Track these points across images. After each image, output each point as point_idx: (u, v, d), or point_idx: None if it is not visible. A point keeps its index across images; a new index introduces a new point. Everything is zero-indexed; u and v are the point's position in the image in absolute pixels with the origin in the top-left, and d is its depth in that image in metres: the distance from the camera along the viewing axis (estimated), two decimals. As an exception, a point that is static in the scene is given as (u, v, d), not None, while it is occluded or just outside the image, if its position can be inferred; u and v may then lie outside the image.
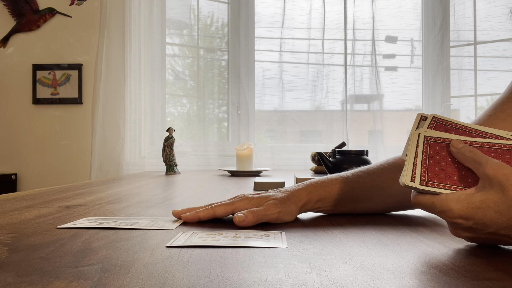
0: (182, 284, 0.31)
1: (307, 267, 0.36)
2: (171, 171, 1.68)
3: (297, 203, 0.60)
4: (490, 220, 0.38)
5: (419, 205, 0.43)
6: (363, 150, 1.36)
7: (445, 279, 0.33)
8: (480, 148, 0.42)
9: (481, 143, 0.42)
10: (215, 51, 2.44)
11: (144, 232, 0.51)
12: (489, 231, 0.39)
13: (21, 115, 2.24)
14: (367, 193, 0.64)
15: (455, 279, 0.33)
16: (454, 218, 0.40)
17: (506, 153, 0.41)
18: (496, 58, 2.26)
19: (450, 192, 0.40)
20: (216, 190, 1.05)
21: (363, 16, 2.30)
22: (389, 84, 2.35)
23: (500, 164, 0.38)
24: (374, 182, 0.64)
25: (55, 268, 0.35)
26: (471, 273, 0.35)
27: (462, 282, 0.32)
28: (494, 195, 0.38)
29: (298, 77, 2.34)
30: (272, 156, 2.22)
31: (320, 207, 0.63)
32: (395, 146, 2.32)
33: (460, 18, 2.27)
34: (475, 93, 2.24)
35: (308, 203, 0.61)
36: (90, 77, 2.23)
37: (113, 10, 2.03)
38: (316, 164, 1.79)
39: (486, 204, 0.38)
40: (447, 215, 0.40)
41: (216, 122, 2.40)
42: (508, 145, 0.41)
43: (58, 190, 1.00)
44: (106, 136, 2.00)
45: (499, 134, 0.43)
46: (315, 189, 0.62)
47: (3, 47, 2.25)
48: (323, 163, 1.37)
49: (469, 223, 0.39)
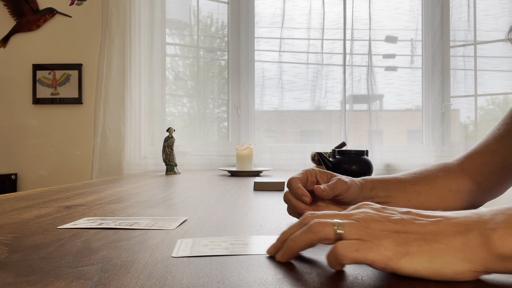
0: (182, 284, 0.31)
1: (307, 267, 0.36)
2: (171, 171, 1.68)
3: (362, 187, 0.61)
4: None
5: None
6: (363, 150, 1.36)
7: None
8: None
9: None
10: (215, 51, 2.44)
11: (144, 232, 0.51)
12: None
13: (21, 115, 2.24)
14: (414, 187, 0.65)
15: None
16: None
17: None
18: (496, 58, 2.26)
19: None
20: (216, 190, 1.05)
21: (362, 16, 2.30)
22: (389, 84, 2.35)
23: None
24: (420, 178, 0.65)
25: (55, 268, 0.35)
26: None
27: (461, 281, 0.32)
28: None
29: (298, 77, 2.34)
30: (272, 156, 2.22)
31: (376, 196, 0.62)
32: (394, 146, 2.32)
33: (460, 18, 2.27)
34: (475, 93, 2.24)
35: (364, 190, 0.61)
36: (90, 77, 2.23)
37: (114, 11, 2.03)
38: (316, 164, 1.79)
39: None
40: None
41: (216, 122, 2.40)
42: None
43: (58, 190, 1.00)
44: (107, 136, 2.01)
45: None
46: (372, 182, 0.62)
47: (3, 47, 2.25)
48: (323, 163, 1.38)
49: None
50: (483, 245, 0.31)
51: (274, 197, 0.90)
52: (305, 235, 0.36)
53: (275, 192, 1.01)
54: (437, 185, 0.65)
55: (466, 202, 0.66)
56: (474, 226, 0.32)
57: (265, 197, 0.91)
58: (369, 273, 0.34)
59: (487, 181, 0.67)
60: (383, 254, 0.32)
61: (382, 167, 2.16)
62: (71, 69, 2.24)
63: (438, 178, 0.66)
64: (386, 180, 0.64)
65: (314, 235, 0.36)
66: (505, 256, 0.30)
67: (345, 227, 0.35)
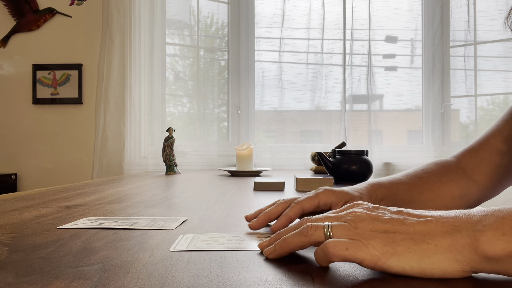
0: (182, 284, 0.31)
1: (307, 267, 0.36)
2: (171, 171, 1.68)
3: (370, 199, 0.61)
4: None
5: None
6: (363, 150, 1.36)
7: (445, 278, 0.33)
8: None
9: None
10: (215, 51, 2.44)
11: (144, 232, 0.51)
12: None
13: (21, 115, 2.24)
14: (421, 196, 0.65)
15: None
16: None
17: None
18: (496, 58, 2.26)
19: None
20: (216, 190, 1.05)
21: (362, 16, 2.30)
22: (388, 85, 2.36)
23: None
24: (426, 184, 0.66)
25: (55, 268, 0.35)
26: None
27: (462, 280, 0.32)
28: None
29: (298, 77, 2.34)
30: (272, 156, 2.22)
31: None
32: (394, 146, 2.32)
33: (460, 18, 2.27)
34: (475, 93, 2.24)
35: (374, 202, 0.62)
36: (90, 77, 2.23)
37: (115, 11, 2.03)
38: (316, 164, 1.79)
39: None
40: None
41: (216, 122, 2.40)
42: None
43: (58, 190, 1.00)
44: (108, 136, 2.01)
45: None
46: (379, 188, 0.63)
47: (3, 47, 2.25)
48: (323, 163, 1.38)
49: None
50: (471, 246, 0.31)
51: (274, 197, 0.90)
52: (297, 237, 0.38)
53: (275, 192, 1.01)
54: (442, 193, 0.66)
55: (467, 206, 0.66)
56: (463, 227, 0.32)
57: (265, 197, 0.91)
58: (369, 273, 0.34)
59: (485, 179, 0.67)
60: (371, 253, 0.33)
61: (382, 167, 2.16)
62: (71, 69, 2.24)
63: (443, 184, 0.66)
64: (395, 188, 0.64)
65: (306, 239, 0.37)
66: (492, 258, 0.30)
67: (334, 229, 0.36)
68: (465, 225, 0.32)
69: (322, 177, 1.12)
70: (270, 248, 0.39)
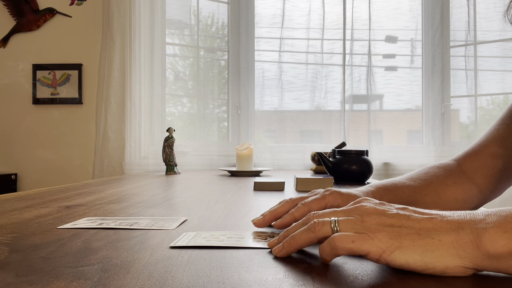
0: (182, 284, 0.31)
1: (307, 267, 0.36)
2: (171, 171, 1.68)
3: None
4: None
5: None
6: (363, 150, 1.36)
7: (445, 278, 0.33)
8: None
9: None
10: (215, 51, 2.44)
11: (144, 232, 0.51)
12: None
13: (21, 115, 2.24)
14: (425, 198, 0.65)
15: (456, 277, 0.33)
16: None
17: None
18: (496, 58, 2.26)
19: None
20: (216, 190, 1.05)
21: (362, 17, 2.30)
22: (388, 85, 2.35)
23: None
24: (431, 187, 0.66)
25: (55, 268, 0.35)
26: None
27: (462, 281, 0.32)
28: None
29: (298, 78, 2.34)
30: (272, 156, 2.22)
31: None
32: (394, 146, 2.32)
33: (460, 18, 2.27)
34: (475, 93, 2.24)
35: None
36: (90, 77, 2.23)
37: (115, 11, 2.03)
38: (316, 164, 1.79)
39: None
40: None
41: (216, 122, 2.40)
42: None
43: (58, 190, 1.00)
44: (109, 136, 2.01)
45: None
46: (385, 192, 0.63)
47: (3, 47, 2.25)
48: (323, 163, 1.38)
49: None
50: (473, 243, 0.32)
51: (274, 197, 0.90)
52: (305, 233, 0.38)
53: (275, 192, 1.01)
54: (446, 196, 0.66)
55: (468, 209, 0.66)
56: (466, 224, 0.33)
57: (265, 197, 0.91)
58: (369, 273, 0.34)
59: (486, 183, 0.67)
60: (377, 246, 0.33)
61: (382, 167, 2.16)
62: (71, 69, 2.24)
63: (447, 187, 0.66)
64: (400, 192, 0.64)
65: (314, 234, 0.38)
66: (494, 255, 0.31)
67: (341, 223, 0.37)
68: (468, 223, 0.33)
69: (322, 177, 1.12)
70: (278, 247, 0.40)
